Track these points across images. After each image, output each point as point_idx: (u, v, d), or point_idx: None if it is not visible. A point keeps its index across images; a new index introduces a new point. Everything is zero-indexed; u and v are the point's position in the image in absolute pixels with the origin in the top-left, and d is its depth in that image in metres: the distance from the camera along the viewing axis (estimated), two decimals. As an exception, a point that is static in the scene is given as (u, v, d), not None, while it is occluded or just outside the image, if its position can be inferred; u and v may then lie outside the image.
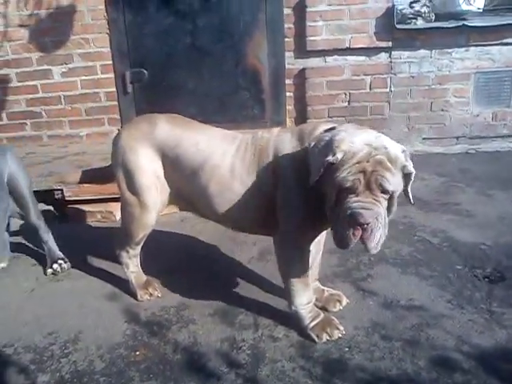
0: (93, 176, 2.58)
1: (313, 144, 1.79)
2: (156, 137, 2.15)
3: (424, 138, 4.41)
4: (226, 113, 4.34)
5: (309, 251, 2.00)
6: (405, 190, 1.74)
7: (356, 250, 2.46)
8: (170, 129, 2.16)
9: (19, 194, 2.54)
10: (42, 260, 2.74)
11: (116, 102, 4.46)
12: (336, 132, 1.75)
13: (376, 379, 1.76)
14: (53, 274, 2.63)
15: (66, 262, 2.67)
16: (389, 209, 1.69)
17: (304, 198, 1.85)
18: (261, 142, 2.02)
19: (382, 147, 1.64)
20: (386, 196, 1.65)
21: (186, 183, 2.14)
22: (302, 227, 1.92)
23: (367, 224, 1.60)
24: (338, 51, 4.23)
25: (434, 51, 4.20)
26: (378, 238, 1.64)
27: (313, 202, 1.81)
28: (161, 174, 2.18)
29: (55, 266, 2.64)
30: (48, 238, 2.71)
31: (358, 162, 1.61)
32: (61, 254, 2.70)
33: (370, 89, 4.29)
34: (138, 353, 1.97)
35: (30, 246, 2.96)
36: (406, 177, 1.69)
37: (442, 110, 4.33)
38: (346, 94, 4.31)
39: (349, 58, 4.25)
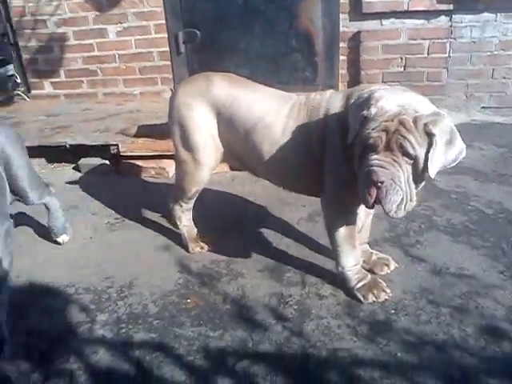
0: (149, 131, 2.64)
1: (352, 101, 1.79)
2: (212, 94, 2.17)
3: (483, 107, 4.22)
4: (277, 75, 4.29)
5: (356, 213, 2.00)
6: (426, 157, 1.58)
7: (406, 216, 2.42)
8: (226, 87, 2.18)
9: (14, 175, 2.25)
10: (100, 211, 2.89)
11: (169, 62, 4.50)
12: (376, 89, 1.73)
13: (422, 342, 1.77)
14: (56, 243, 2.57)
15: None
16: (415, 176, 1.61)
17: (349, 159, 1.82)
18: (313, 103, 2.02)
19: (413, 110, 1.58)
20: (409, 160, 1.58)
21: (239, 141, 2.17)
22: (348, 189, 1.90)
23: (381, 183, 1.56)
24: (396, 14, 4.05)
25: (498, 15, 3.95)
26: (395, 201, 1.59)
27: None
28: (215, 132, 2.21)
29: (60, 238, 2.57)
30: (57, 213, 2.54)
31: (385, 121, 1.58)
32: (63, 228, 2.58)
33: (428, 54, 4.11)
34: (189, 300, 2.07)
35: (89, 196, 3.11)
36: (429, 139, 1.56)
37: (505, 78, 4.11)
38: (401, 59, 4.16)
39: (406, 21, 4.08)
